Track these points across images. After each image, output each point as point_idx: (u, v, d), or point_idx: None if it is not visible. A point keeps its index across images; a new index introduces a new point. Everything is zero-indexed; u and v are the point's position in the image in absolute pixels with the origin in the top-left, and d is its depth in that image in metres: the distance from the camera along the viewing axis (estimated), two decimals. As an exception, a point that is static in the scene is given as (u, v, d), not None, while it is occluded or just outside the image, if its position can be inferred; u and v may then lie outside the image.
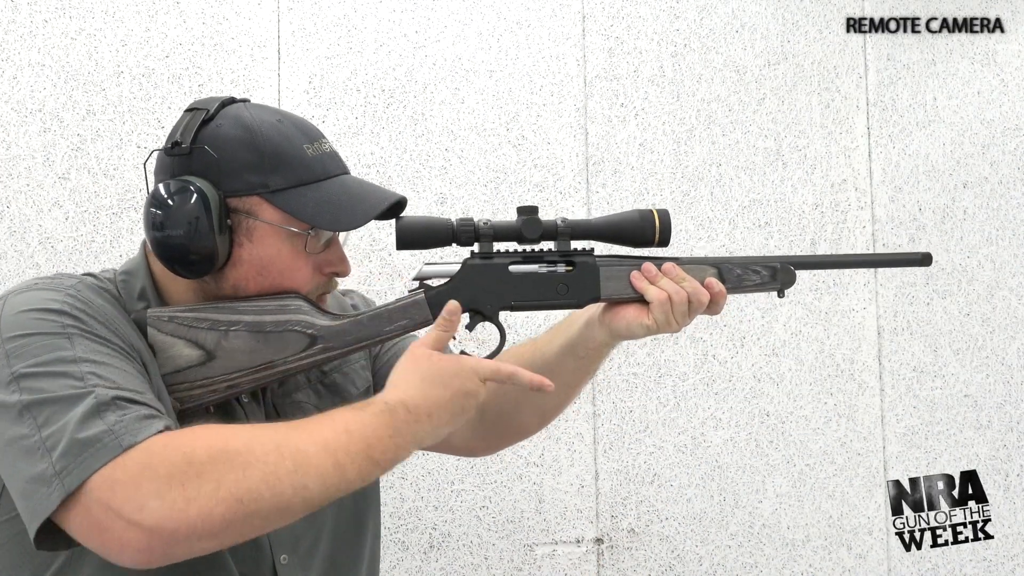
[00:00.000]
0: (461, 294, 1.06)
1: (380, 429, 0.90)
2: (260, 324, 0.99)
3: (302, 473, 0.85)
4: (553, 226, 1.08)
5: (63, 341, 0.88)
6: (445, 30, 1.83)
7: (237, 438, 0.86)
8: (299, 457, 0.85)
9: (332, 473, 0.87)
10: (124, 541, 0.80)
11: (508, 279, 1.08)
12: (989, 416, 2.02)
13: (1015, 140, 2.07)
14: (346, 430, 0.89)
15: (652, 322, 1.08)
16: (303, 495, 0.85)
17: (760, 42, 1.98)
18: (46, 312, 0.90)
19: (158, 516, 0.80)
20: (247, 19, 1.74)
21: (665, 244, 1.10)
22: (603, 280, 1.09)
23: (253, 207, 0.99)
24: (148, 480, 0.81)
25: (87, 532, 0.82)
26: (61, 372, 0.86)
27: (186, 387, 0.98)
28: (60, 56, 1.66)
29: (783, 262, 1.15)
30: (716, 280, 1.10)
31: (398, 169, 1.79)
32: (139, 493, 0.80)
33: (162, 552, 0.81)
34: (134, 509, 0.80)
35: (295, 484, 0.84)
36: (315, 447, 0.87)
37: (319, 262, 1.04)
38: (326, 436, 0.88)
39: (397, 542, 1.75)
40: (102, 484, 0.80)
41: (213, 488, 0.81)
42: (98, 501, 0.80)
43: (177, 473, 0.81)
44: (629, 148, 1.90)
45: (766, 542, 1.91)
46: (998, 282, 2.04)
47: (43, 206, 1.64)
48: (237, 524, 0.82)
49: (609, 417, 1.86)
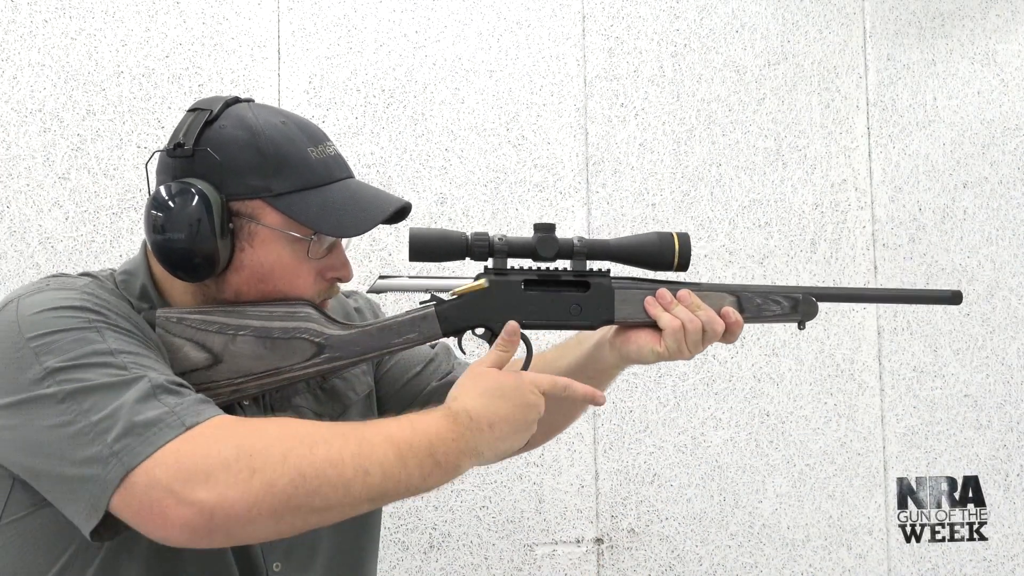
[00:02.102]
0: (473, 310, 1.05)
1: (444, 431, 0.90)
2: (268, 330, 0.98)
3: (365, 457, 0.85)
4: (569, 245, 1.06)
5: (93, 335, 0.87)
6: (445, 30, 1.83)
7: (303, 423, 0.88)
8: (364, 444, 0.86)
9: (394, 464, 0.86)
10: (186, 519, 0.79)
11: (521, 297, 1.06)
12: (989, 416, 2.02)
13: (1015, 140, 2.07)
14: (411, 426, 0.89)
15: (664, 349, 1.07)
16: (365, 481, 0.85)
17: (760, 42, 1.98)
18: (67, 309, 0.89)
19: (223, 487, 0.79)
20: (247, 19, 1.74)
21: (684, 269, 1.08)
22: (617, 303, 1.07)
23: (255, 211, 0.98)
24: (217, 452, 0.80)
25: (144, 515, 0.80)
26: (101, 363, 0.85)
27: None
28: (60, 56, 1.66)
29: (805, 293, 1.12)
30: (733, 310, 1.09)
31: (398, 169, 1.79)
32: (207, 463, 0.80)
33: (224, 530, 0.80)
34: (200, 480, 0.79)
35: (357, 468, 0.84)
36: (379, 437, 0.87)
37: (321, 267, 1.03)
38: (391, 429, 0.89)
39: (397, 542, 1.75)
40: (167, 459, 0.80)
41: (279, 459, 0.81)
42: (158, 480, 0.79)
43: (246, 445, 0.81)
44: (629, 148, 1.90)
45: (766, 542, 1.91)
46: (998, 282, 2.04)
47: (43, 206, 1.64)
48: (298, 500, 0.82)
49: (609, 417, 1.86)
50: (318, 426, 0.88)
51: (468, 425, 0.92)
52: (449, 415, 0.92)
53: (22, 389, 0.84)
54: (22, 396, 0.84)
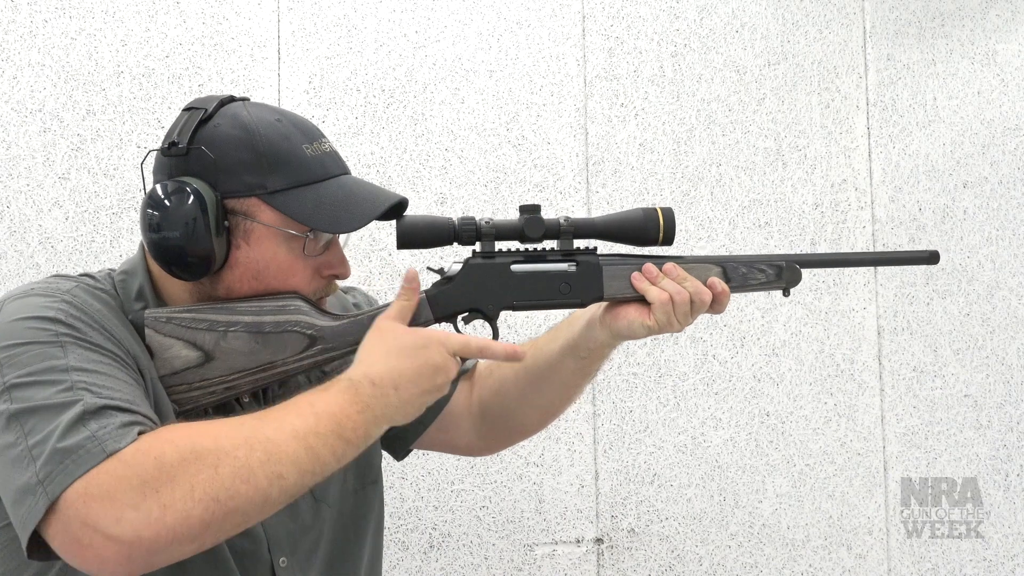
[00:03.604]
0: (463, 293, 1.05)
1: (347, 406, 0.89)
2: (259, 325, 0.98)
3: (275, 462, 0.84)
4: (556, 225, 1.07)
5: (56, 350, 0.87)
6: (445, 30, 1.83)
7: (205, 436, 0.84)
8: (270, 447, 0.84)
9: (305, 458, 0.85)
10: (104, 556, 0.78)
11: (510, 278, 1.07)
12: (989, 416, 2.02)
13: (1015, 140, 2.07)
14: (313, 412, 0.88)
15: (653, 323, 1.07)
16: (280, 484, 0.84)
17: (760, 42, 1.98)
18: (40, 320, 0.89)
19: (136, 527, 0.78)
20: (247, 19, 1.74)
21: (669, 243, 1.09)
22: (606, 279, 1.08)
23: (251, 209, 0.98)
24: (122, 491, 0.79)
25: (68, 548, 0.80)
26: (51, 380, 0.85)
27: (184, 389, 0.98)
28: (60, 56, 1.66)
29: (788, 260, 1.14)
30: (719, 280, 1.09)
31: (398, 169, 1.79)
32: (114, 506, 0.79)
33: (144, 562, 0.80)
34: (111, 523, 0.78)
35: (269, 474, 0.83)
36: (284, 435, 0.85)
37: (318, 264, 1.03)
38: (294, 422, 0.86)
39: (397, 542, 1.75)
40: (77, 499, 0.79)
41: (187, 491, 0.80)
42: (76, 516, 0.79)
43: (150, 480, 0.80)
44: (629, 148, 1.90)
45: (766, 542, 1.91)
46: (998, 282, 2.03)
47: (43, 206, 1.64)
48: (217, 523, 0.81)
49: (609, 417, 1.86)
50: (218, 436, 0.84)
51: (372, 393, 0.91)
52: (351, 387, 0.91)
53: None
54: None
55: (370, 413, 0.90)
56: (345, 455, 0.89)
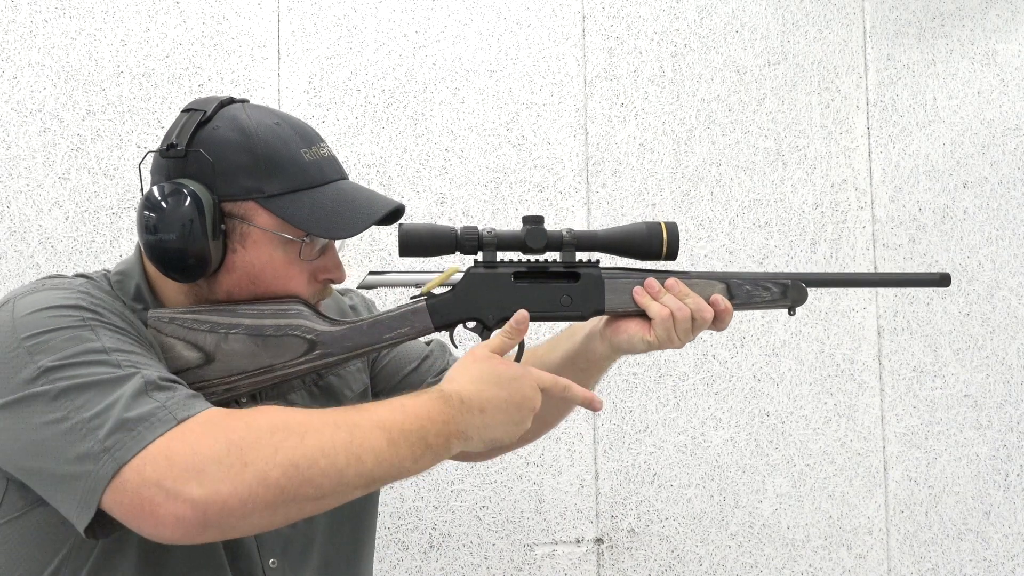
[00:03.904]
0: (463, 303, 1.05)
1: (435, 413, 0.90)
2: (260, 328, 0.99)
3: (357, 445, 0.85)
4: (558, 236, 1.07)
5: (87, 333, 0.88)
6: (445, 30, 1.83)
7: (296, 412, 0.87)
8: (355, 431, 0.86)
9: (386, 450, 0.86)
10: (179, 515, 0.79)
11: (511, 289, 1.06)
12: (989, 416, 2.02)
13: (1015, 140, 2.07)
14: (402, 409, 0.89)
15: (654, 338, 1.07)
16: (358, 468, 0.85)
17: (760, 42, 1.98)
18: (62, 308, 0.89)
19: (215, 481, 0.79)
20: (247, 19, 1.74)
21: (673, 258, 1.08)
22: (608, 293, 1.08)
23: (248, 212, 0.98)
24: (208, 446, 0.80)
25: (137, 512, 0.80)
26: (94, 360, 0.85)
27: None
28: (60, 56, 1.66)
29: (795, 279, 1.12)
30: (722, 297, 1.09)
31: (398, 169, 1.79)
32: (198, 458, 0.79)
33: (218, 523, 0.80)
34: (192, 476, 0.79)
35: (349, 455, 0.84)
36: (370, 423, 0.87)
37: (314, 269, 1.03)
38: (382, 414, 0.89)
39: (397, 542, 1.75)
40: (157, 456, 0.79)
41: (271, 452, 0.81)
42: (150, 478, 0.79)
43: (237, 439, 0.81)
44: (629, 148, 1.90)
45: (766, 542, 1.91)
46: (998, 282, 2.03)
47: (43, 206, 1.64)
48: (292, 490, 0.82)
49: (609, 417, 1.86)
50: (309, 414, 0.87)
51: (459, 407, 0.92)
52: (441, 397, 0.92)
53: (17, 389, 0.84)
54: (16, 396, 0.84)
55: (454, 426, 0.91)
56: (422, 460, 0.90)
